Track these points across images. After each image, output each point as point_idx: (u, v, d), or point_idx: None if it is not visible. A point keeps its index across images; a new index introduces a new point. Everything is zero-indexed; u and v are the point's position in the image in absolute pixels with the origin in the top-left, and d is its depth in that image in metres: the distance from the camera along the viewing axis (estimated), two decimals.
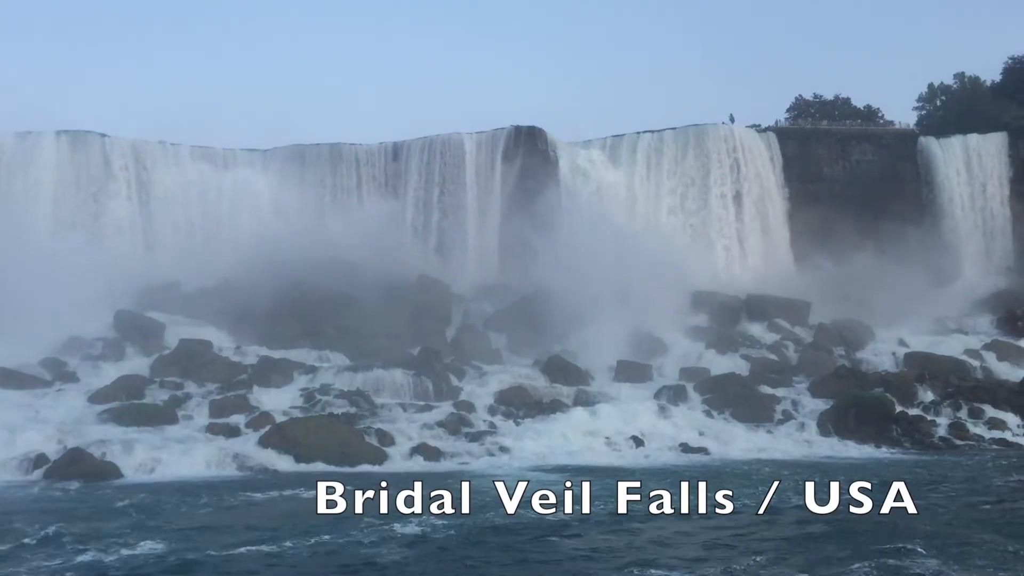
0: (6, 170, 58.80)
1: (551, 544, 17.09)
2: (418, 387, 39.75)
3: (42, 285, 47.28)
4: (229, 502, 22.11)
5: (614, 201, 64.88)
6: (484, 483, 24.65)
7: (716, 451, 33.76)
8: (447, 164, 64.49)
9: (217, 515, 20.12)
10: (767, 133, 68.08)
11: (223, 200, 63.66)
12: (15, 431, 29.52)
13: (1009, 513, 19.98)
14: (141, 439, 29.84)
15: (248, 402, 36.20)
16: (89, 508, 20.99)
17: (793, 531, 18.14)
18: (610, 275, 53.69)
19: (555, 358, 44.98)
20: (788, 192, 66.51)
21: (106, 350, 45.05)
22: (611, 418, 36.28)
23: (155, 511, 20.72)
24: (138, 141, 63.39)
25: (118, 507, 21.26)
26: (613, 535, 17.84)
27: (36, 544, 17.14)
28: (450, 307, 56.28)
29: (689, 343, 50.28)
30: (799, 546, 16.84)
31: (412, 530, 18.05)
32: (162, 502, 21.96)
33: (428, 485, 22.99)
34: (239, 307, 52.65)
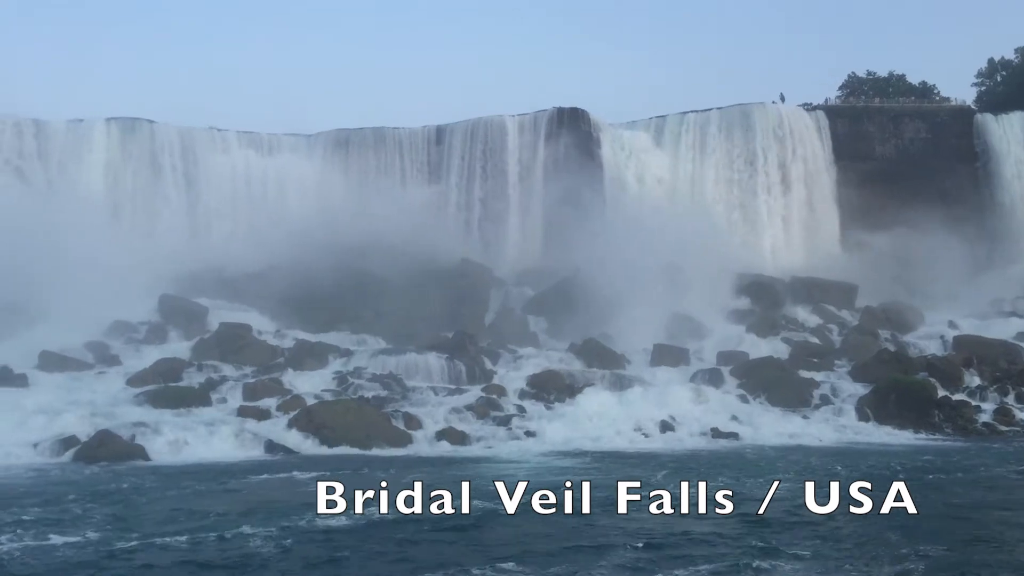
0: (58, 157, 60.01)
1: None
2: (451, 371, 39.81)
3: (91, 270, 48.27)
4: (225, 485, 22.29)
5: (657, 183, 64.23)
6: (499, 471, 24.61)
7: (747, 436, 33.23)
8: (489, 147, 64.36)
9: (196, 499, 20.16)
10: (816, 112, 66.58)
11: (268, 185, 64.39)
12: (52, 413, 30.23)
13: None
14: (170, 421, 30.36)
15: (281, 385, 36.62)
16: (81, 490, 21.26)
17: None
18: (652, 258, 53.16)
19: (590, 341, 44.68)
20: (837, 172, 65.01)
21: (149, 334, 45.94)
22: (642, 402, 35.95)
23: (141, 494, 20.94)
24: (185, 128, 64.33)
25: (107, 489, 21.49)
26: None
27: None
28: (490, 291, 56.32)
29: (730, 326, 49.57)
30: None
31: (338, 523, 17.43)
32: (159, 485, 22.26)
33: (432, 476, 22.91)
34: (282, 291, 53.28)
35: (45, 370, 37.97)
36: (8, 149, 58.66)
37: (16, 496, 20.39)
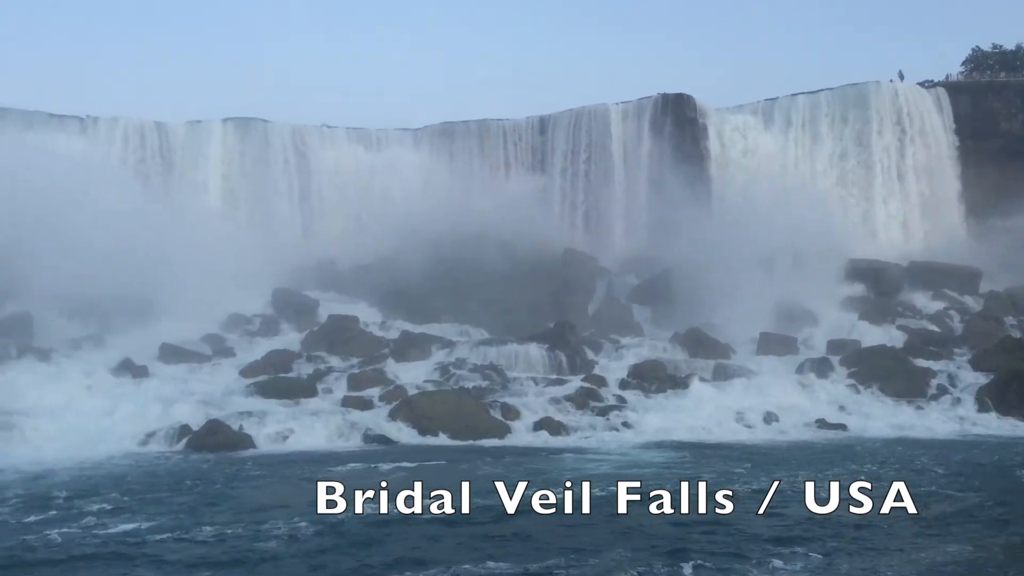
0: (179, 157, 62.61)
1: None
2: (552, 361, 39.82)
3: (210, 266, 50.30)
4: (313, 474, 22.75)
5: (767, 168, 62.58)
6: (584, 463, 24.45)
7: (855, 428, 32.11)
8: (593, 136, 64.00)
9: (275, 488, 20.77)
10: (936, 89, 63.59)
11: (376, 180, 65.59)
12: (168, 403, 31.64)
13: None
14: (277, 412, 31.35)
15: (385, 376, 37.33)
16: (176, 478, 22.18)
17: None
18: (761, 245, 51.94)
19: (693, 331, 43.98)
20: (960, 151, 61.94)
21: (263, 326, 47.52)
22: (746, 393, 35.25)
23: (228, 483, 21.58)
24: (297, 125, 66.19)
25: (201, 477, 22.25)
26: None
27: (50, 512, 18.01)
28: (594, 281, 56.08)
29: (841, 314, 48.04)
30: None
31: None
32: (254, 474, 23.01)
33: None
34: (390, 283, 54.43)
35: (165, 362, 39.71)
36: (132, 150, 61.52)
37: (111, 483, 21.34)
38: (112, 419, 29.75)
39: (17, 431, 27.73)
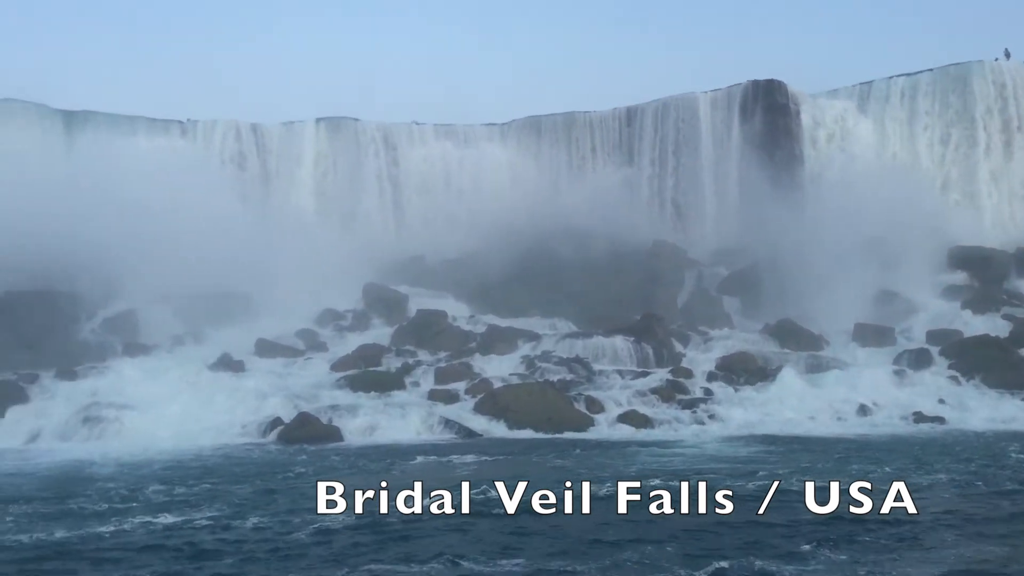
0: (274, 158, 64.29)
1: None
2: (638, 354, 39.55)
3: (305, 263, 51.68)
4: (388, 466, 23.26)
5: (864, 154, 60.74)
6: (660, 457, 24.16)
7: (954, 421, 30.99)
8: (681, 125, 63.08)
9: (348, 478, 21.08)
10: None
11: (464, 175, 66.08)
12: (261, 397, 32.64)
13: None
14: (366, 404, 32.02)
15: (471, 369, 37.69)
16: (253, 470, 22.82)
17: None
18: (858, 234, 50.50)
19: (785, 322, 43.07)
20: None
21: (354, 321, 48.47)
22: (839, 385, 34.36)
23: (299, 475, 22.03)
24: (387, 123, 67.18)
25: (277, 469, 22.87)
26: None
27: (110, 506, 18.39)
28: (683, 272, 55.39)
29: (943, 303, 46.33)
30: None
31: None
32: (330, 465, 23.50)
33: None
34: (477, 278, 54.86)
35: (260, 356, 40.90)
36: (229, 152, 63.47)
37: (194, 474, 22.14)
38: (208, 412, 30.83)
39: (119, 424, 29.04)
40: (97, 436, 28.75)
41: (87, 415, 29.83)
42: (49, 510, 17.93)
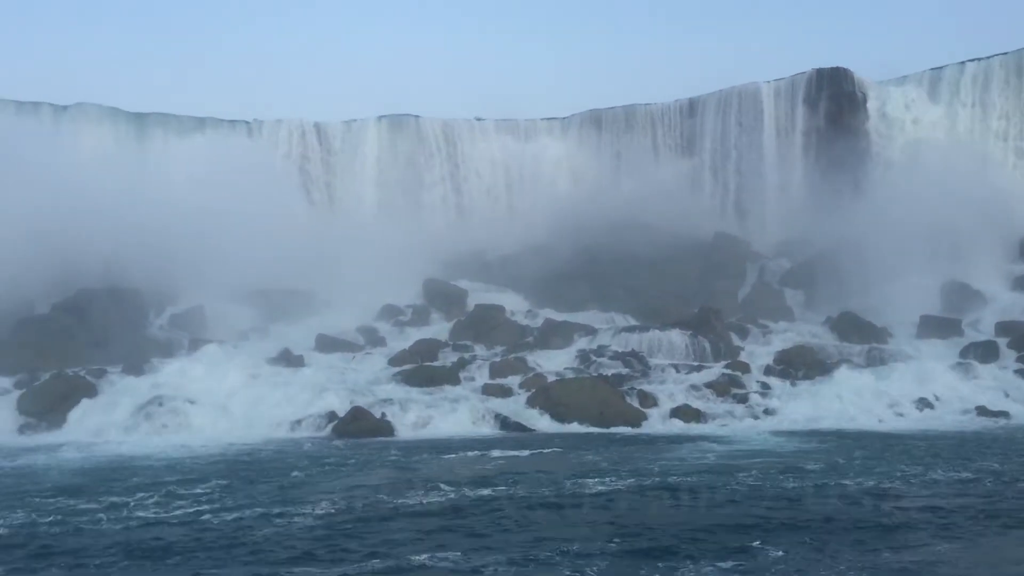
0: (338, 155, 65.28)
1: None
2: (695, 347, 39.21)
3: (367, 259, 52.37)
4: (424, 461, 23.56)
5: (933, 142, 59.08)
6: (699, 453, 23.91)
7: (1019, 415, 30.07)
8: (744, 116, 62.19)
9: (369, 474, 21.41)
10: None
11: (525, 169, 66.19)
12: (318, 391, 33.23)
13: None
14: (419, 399, 32.40)
15: (526, 364, 37.79)
16: (296, 462, 23.25)
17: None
18: (926, 224, 49.22)
19: (847, 314, 42.26)
20: None
21: (414, 316, 49.01)
22: (901, 379, 33.61)
23: (329, 469, 22.32)
24: (448, 119, 67.58)
25: (317, 463, 23.23)
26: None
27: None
28: (745, 265, 54.74)
29: (1014, 295, 44.95)
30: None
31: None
32: (372, 458, 23.91)
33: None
34: (537, 272, 54.91)
35: (321, 351, 41.68)
36: (294, 150, 64.66)
37: (234, 468, 22.62)
38: (266, 407, 31.52)
39: (180, 418, 29.92)
40: (159, 430, 29.69)
41: (149, 410, 30.83)
42: (46, 501, 18.22)
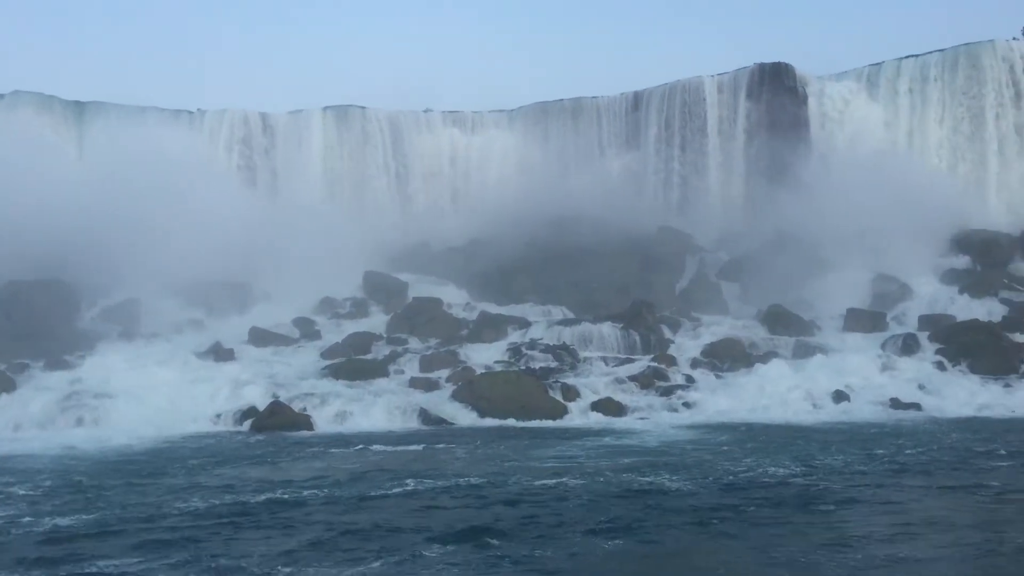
0: (281, 146, 64.85)
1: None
2: (625, 340, 39.56)
3: (309, 251, 52.05)
4: (327, 455, 23.60)
5: (872, 137, 59.91)
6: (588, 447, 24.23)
7: (931, 408, 30.72)
8: (687, 110, 62.62)
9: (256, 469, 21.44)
10: None
11: (472, 162, 66.23)
12: (242, 386, 33.07)
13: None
14: (343, 393, 32.34)
15: (456, 357, 37.90)
16: (188, 457, 23.19)
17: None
18: (864, 218, 50.10)
19: (775, 307, 42.83)
20: None
21: (353, 309, 48.89)
22: (820, 371, 34.15)
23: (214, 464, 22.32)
24: (394, 111, 67.33)
25: (208, 458, 23.26)
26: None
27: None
28: (685, 258, 55.19)
29: (941, 288, 45.76)
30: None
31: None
32: (270, 451, 23.94)
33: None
34: (480, 265, 55.06)
35: (253, 345, 41.41)
36: (239, 141, 64.14)
37: (138, 465, 22.31)
38: (186, 401, 31.30)
39: (98, 413, 29.65)
40: (75, 425, 29.36)
41: (66, 405, 30.50)
42: None
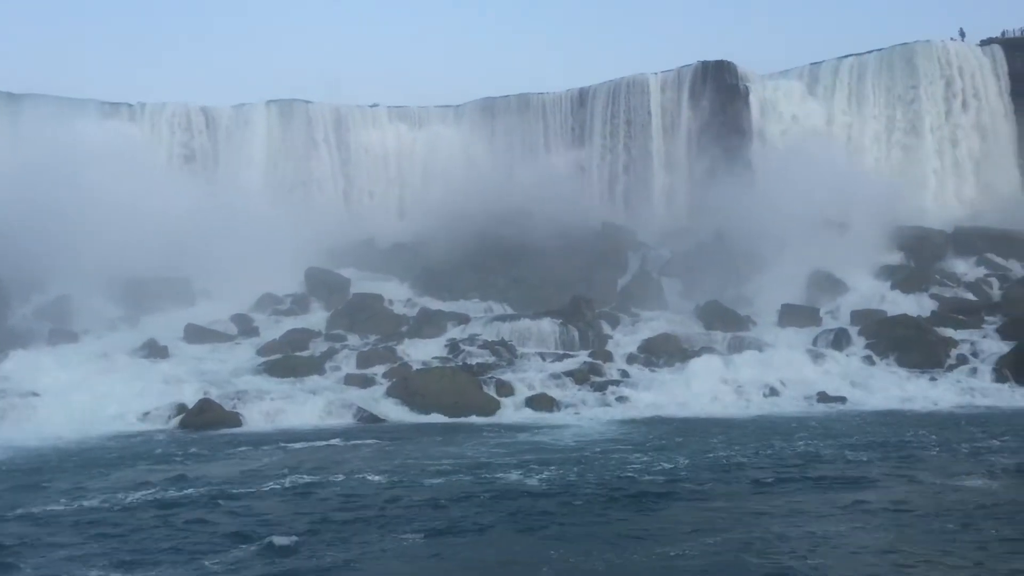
0: (224, 141, 64.07)
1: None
2: (564, 336, 39.73)
3: (252, 246, 51.47)
4: (244, 453, 23.51)
5: (811, 134, 60.77)
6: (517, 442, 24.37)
7: (856, 401, 31.30)
8: (632, 107, 63.08)
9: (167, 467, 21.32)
10: (991, 47, 60.57)
11: (417, 157, 66.00)
12: (172, 383, 32.66)
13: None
14: (275, 390, 32.10)
15: (394, 353, 37.77)
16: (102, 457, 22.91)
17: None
18: (803, 214, 50.73)
19: (712, 303, 43.35)
20: (1017, 112, 58.99)
21: (293, 306, 48.52)
22: (752, 366, 34.63)
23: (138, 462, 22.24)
24: (339, 106, 66.83)
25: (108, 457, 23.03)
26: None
27: None
28: (627, 254, 55.57)
29: (875, 283, 46.60)
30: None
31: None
32: (195, 451, 23.80)
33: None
34: (425, 261, 54.99)
35: (189, 342, 40.93)
36: (180, 134, 63.26)
37: (55, 464, 22.06)
38: (115, 399, 30.82)
39: (20, 411, 29.10)
40: None
41: None
42: None
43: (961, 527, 13.99)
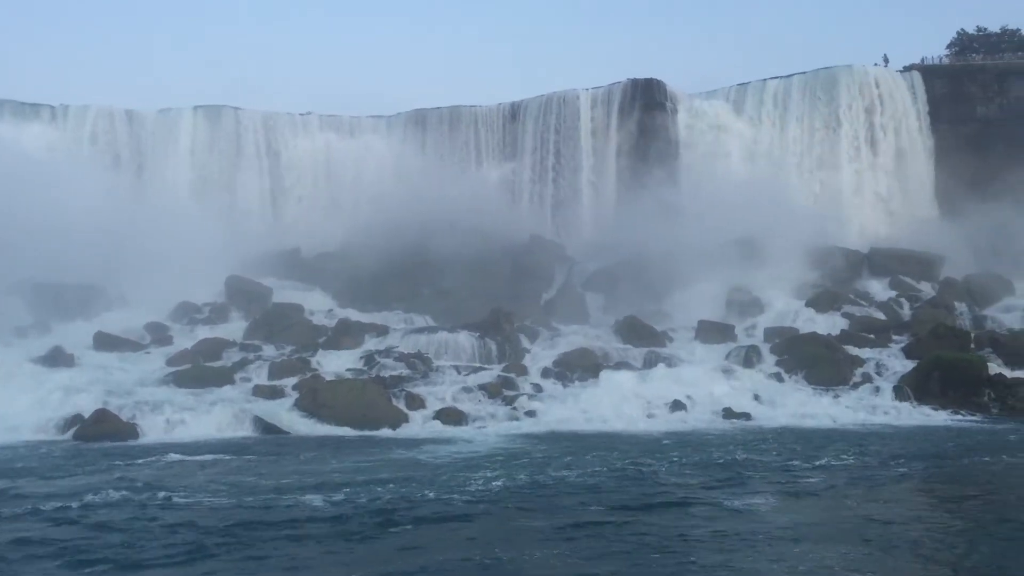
0: (149, 145, 63.04)
1: None
2: (481, 349, 39.70)
3: (174, 254, 50.62)
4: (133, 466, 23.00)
5: (737, 154, 61.84)
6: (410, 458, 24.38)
7: (760, 417, 31.73)
8: (562, 122, 63.51)
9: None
10: (910, 72, 62.32)
11: (348, 167, 65.56)
12: (72, 392, 31.80)
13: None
14: (177, 401, 31.42)
15: (308, 365, 37.38)
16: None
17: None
18: (726, 232, 51.53)
19: (630, 318, 43.75)
20: (934, 136, 60.71)
21: (212, 315, 47.73)
22: (662, 381, 34.88)
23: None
24: (269, 112, 66.26)
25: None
26: None
27: None
28: (553, 268, 55.82)
29: (791, 301, 47.41)
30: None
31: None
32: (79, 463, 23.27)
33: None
34: (350, 271, 54.53)
35: (97, 350, 40.04)
36: (103, 138, 62.08)
37: None
38: (8, 410, 29.91)
39: None
40: None
41: None
42: None
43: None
